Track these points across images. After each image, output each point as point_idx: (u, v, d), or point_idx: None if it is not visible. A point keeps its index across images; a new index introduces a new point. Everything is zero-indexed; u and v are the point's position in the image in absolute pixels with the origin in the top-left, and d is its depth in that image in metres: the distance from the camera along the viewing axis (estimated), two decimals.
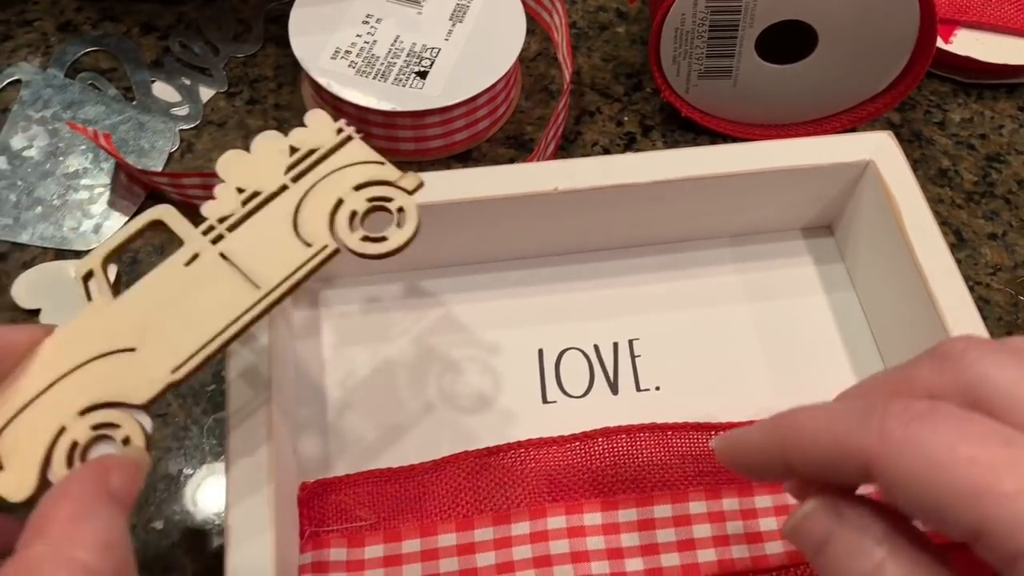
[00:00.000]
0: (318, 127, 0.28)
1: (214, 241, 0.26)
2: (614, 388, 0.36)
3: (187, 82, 0.45)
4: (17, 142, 0.43)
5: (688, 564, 0.31)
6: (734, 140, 0.45)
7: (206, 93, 0.45)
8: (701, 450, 0.32)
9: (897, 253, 0.35)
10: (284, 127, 0.36)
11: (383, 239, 0.27)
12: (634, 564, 0.30)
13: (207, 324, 0.26)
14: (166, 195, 0.41)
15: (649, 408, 0.35)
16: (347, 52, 0.41)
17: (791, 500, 0.31)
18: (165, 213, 0.27)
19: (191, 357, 0.25)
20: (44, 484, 0.24)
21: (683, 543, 0.31)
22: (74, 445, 0.24)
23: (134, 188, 0.42)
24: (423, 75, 0.41)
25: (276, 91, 0.45)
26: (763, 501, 0.32)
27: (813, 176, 0.37)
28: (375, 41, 0.42)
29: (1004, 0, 0.48)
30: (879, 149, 0.37)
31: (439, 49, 0.42)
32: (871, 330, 0.38)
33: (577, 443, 0.32)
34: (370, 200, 0.27)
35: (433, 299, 0.38)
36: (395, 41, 0.42)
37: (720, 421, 0.34)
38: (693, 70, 0.43)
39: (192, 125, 0.44)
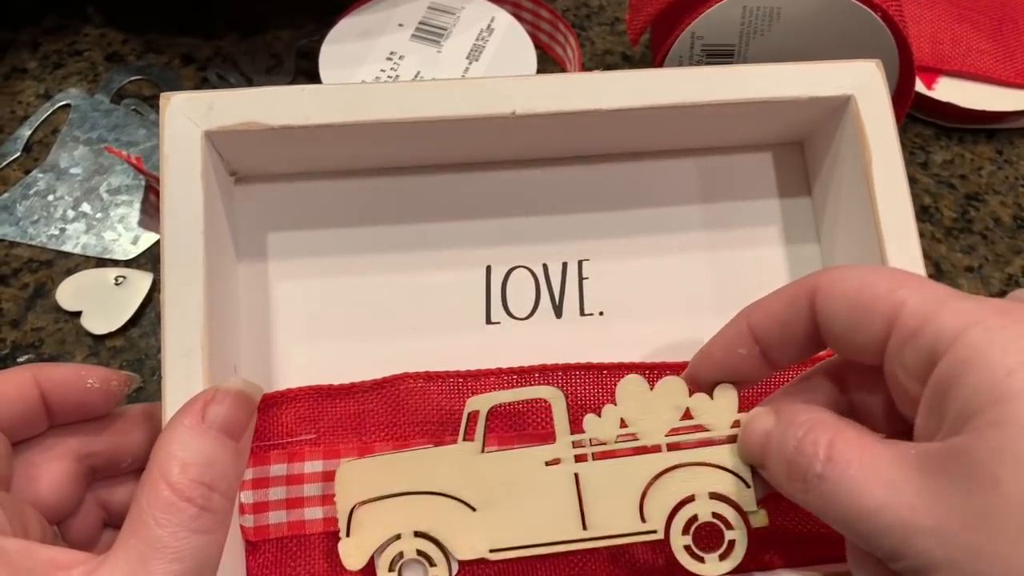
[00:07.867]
0: (722, 406, 0.28)
1: (578, 457, 0.29)
2: (558, 311, 0.35)
3: None
4: (65, 161, 0.47)
5: None
6: None
7: None
8: None
9: (860, 200, 0.33)
10: None
11: (701, 560, 0.28)
12: None
13: (534, 530, 0.28)
14: None
15: (589, 335, 0.35)
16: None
17: None
18: (555, 396, 0.29)
19: (510, 549, 0.28)
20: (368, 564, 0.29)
21: None
22: (400, 555, 0.28)
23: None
24: None
25: None
26: None
27: (790, 107, 0.34)
28: (398, 76, 0.45)
29: (982, 52, 0.51)
30: (863, 83, 0.33)
31: None
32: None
33: (515, 376, 0.32)
34: (715, 515, 0.28)
35: (385, 211, 0.36)
36: (415, 76, 0.45)
37: (655, 362, 0.33)
38: None
39: None
